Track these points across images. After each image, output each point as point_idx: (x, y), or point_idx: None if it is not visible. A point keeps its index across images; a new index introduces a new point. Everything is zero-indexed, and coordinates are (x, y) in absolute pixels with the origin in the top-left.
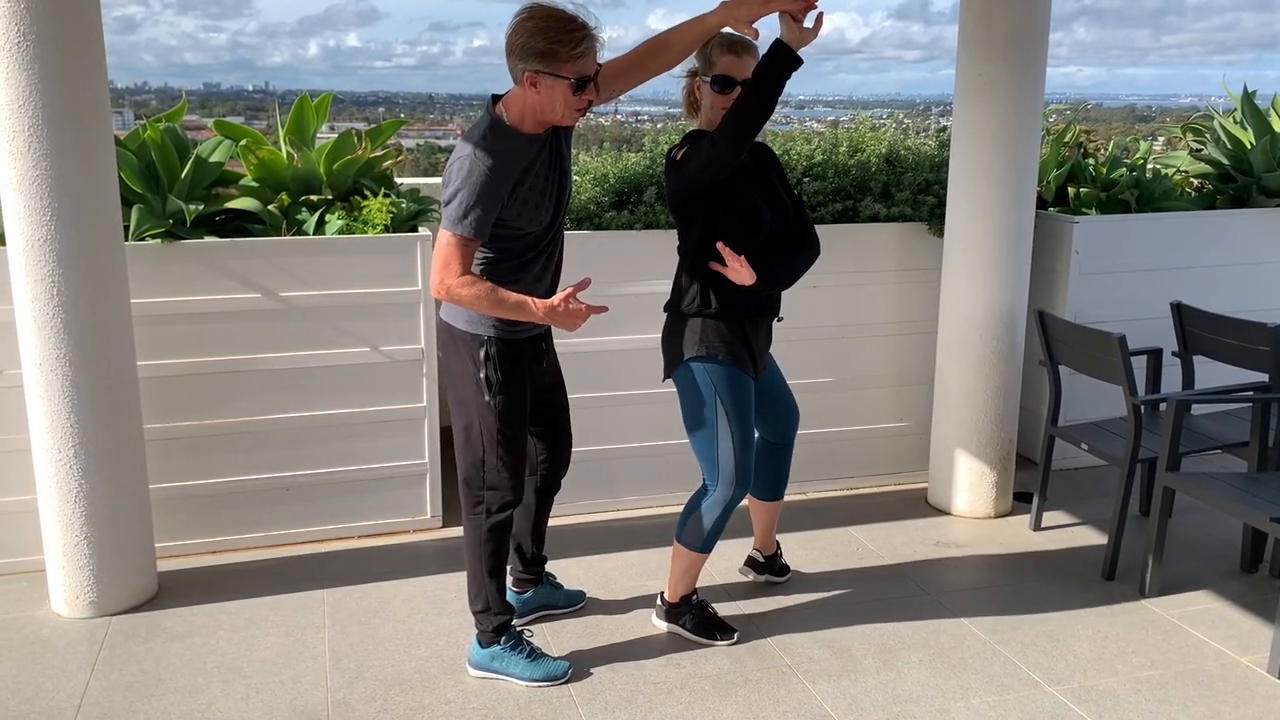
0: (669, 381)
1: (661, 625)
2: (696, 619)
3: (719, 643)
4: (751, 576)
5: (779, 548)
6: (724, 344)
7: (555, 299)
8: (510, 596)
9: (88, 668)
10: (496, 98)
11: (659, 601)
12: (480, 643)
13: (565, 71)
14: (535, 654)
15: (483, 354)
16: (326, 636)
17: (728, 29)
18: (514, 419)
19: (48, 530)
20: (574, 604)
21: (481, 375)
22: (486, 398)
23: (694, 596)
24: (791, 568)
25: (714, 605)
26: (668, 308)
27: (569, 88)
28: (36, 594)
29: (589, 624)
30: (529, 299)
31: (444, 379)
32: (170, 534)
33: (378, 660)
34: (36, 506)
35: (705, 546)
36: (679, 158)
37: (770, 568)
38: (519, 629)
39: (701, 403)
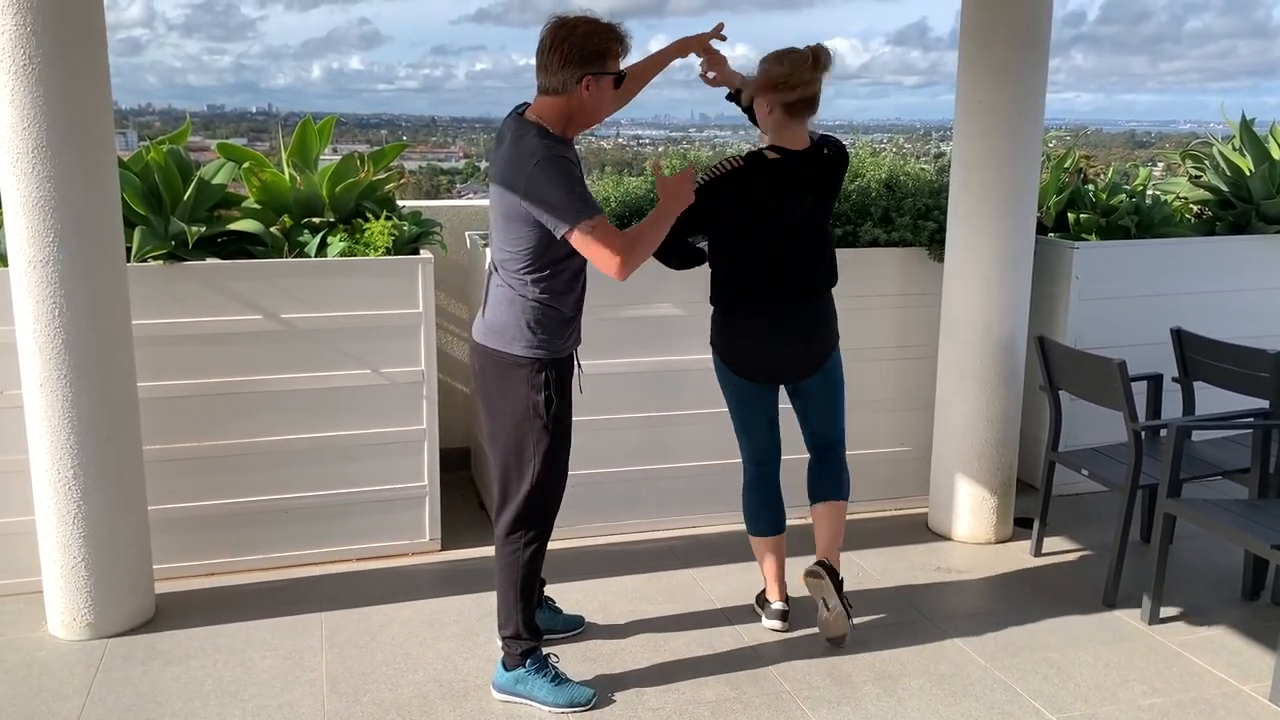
0: (665, 406)
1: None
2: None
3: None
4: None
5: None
6: (719, 337)
7: (675, 180)
8: None
9: (84, 690)
10: (520, 112)
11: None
12: (505, 665)
13: (613, 68)
14: (560, 679)
15: (542, 378)
16: (324, 660)
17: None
18: (565, 441)
19: (45, 551)
20: (573, 629)
21: (541, 398)
22: (543, 422)
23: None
24: (791, 595)
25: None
26: None
27: (613, 84)
28: (33, 615)
29: (587, 649)
30: (658, 212)
31: (486, 408)
32: (168, 556)
33: (375, 684)
34: (35, 527)
35: (749, 528)
36: None
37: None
38: (545, 653)
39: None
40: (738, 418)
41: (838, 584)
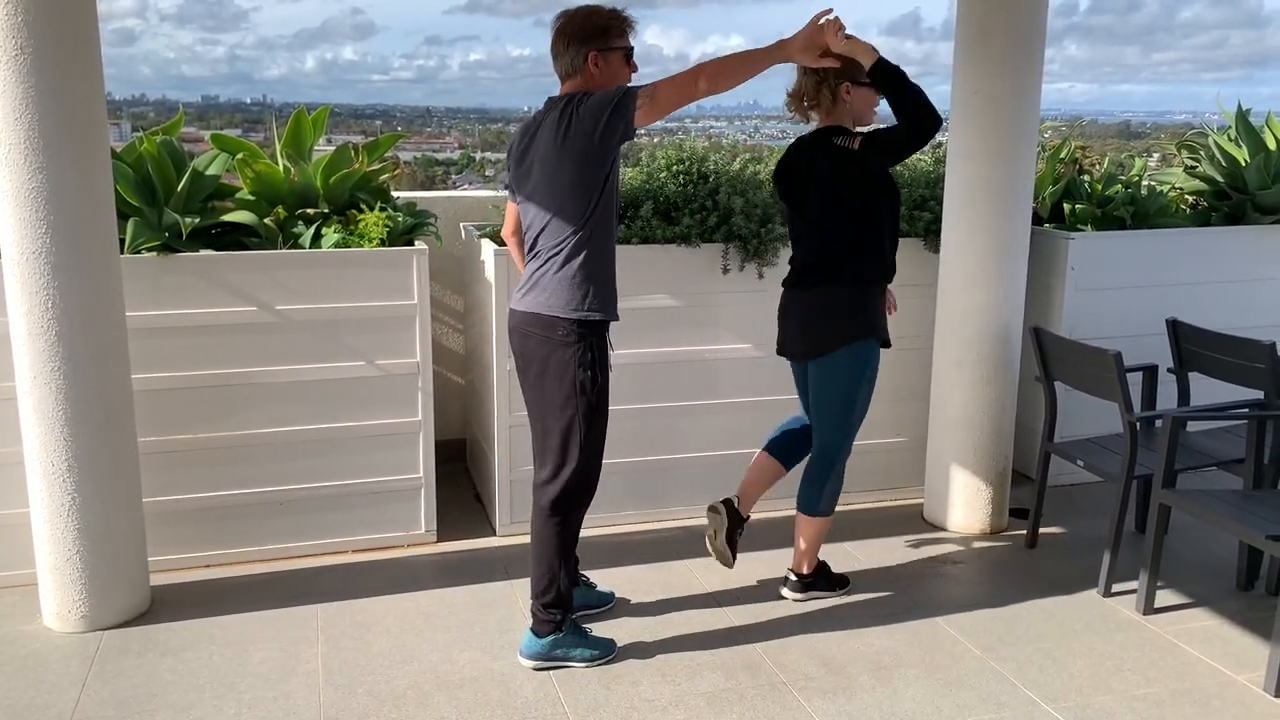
0: (663, 398)
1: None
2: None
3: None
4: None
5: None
6: (872, 318)
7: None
8: None
9: (79, 683)
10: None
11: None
12: (537, 633)
13: (620, 43)
14: (587, 635)
15: (589, 354)
16: (320, 652)
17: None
18: (606, 412)
19: (40, 544)
20: (606, 604)
21: (586, 375)
22: (588, 399)
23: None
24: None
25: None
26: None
27: (623, 58)
28: (28, 608)
29: None
30: (773, 46)
31: (534, 384)
32: (163, 548)
33: (371, 676)
34: (29, 520)
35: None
36: (857, 147)
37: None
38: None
39: None
40: (868, 399)
41: (732, 528)
